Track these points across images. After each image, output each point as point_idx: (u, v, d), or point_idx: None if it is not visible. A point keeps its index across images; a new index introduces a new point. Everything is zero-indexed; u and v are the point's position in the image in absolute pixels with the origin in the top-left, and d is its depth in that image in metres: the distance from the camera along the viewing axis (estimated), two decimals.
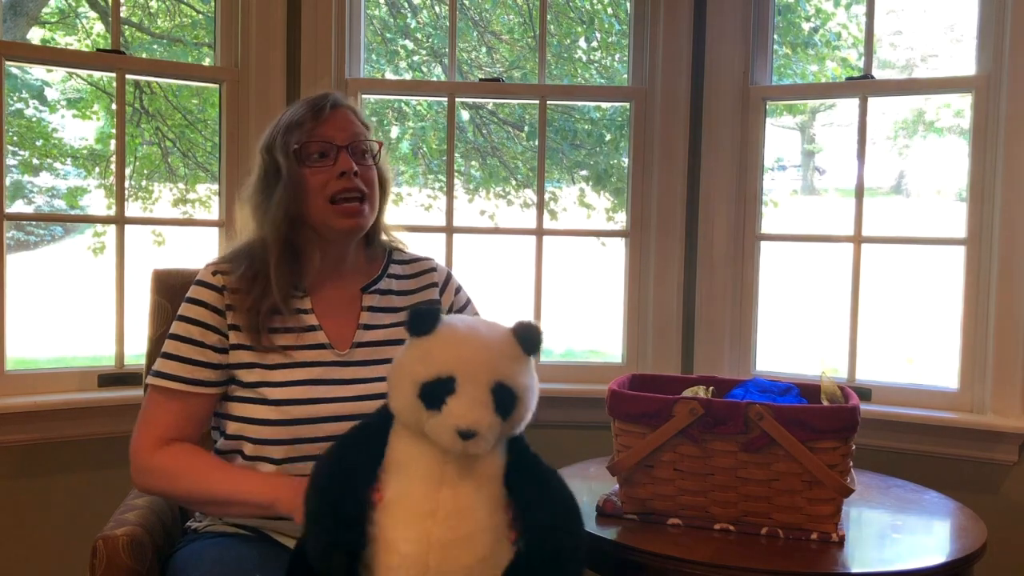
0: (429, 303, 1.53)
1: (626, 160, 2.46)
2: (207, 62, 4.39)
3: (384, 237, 1.58)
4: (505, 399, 1.09)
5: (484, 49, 5.71)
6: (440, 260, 1.66)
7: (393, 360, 1.16)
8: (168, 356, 1.41)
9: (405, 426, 1.14)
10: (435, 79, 5.56)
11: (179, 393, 1.39)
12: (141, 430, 1.40)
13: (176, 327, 1.42)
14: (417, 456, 1.12)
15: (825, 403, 1.58)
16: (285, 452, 1.37)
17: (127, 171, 2.44)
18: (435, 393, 1.07)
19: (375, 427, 1.17)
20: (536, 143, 2.50)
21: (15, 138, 5.51)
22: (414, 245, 1.63)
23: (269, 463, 1.38)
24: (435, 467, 1.10)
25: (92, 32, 5.28)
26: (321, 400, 1.38)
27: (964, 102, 2.29)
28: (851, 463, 1.49)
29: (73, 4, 5.39)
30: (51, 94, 5.67)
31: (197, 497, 1.38)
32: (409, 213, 5.53)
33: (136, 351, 1.99)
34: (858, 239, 2.23)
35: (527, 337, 1.14)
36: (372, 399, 1.35)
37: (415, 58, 5.64)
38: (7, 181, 2.00)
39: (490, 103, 5.47)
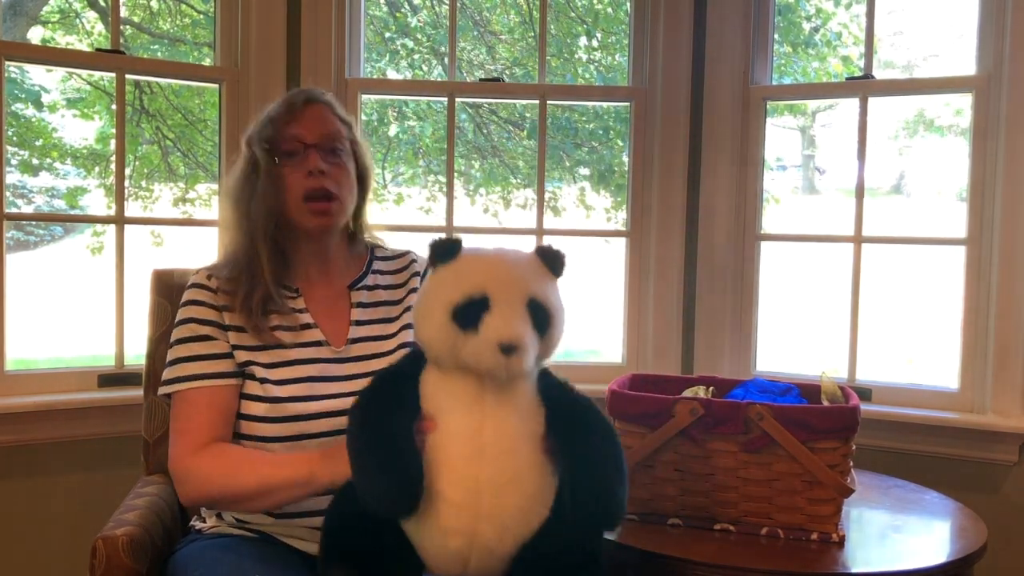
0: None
1: (627, 158, 2.46)
2: (207, 62, 4.39)
3: (366, 235, 1.58)
4: (540, 315, 1.07)
5: (484, 48, 5.71)
6: None
7: (418, 293, 1.14)
8: (181, 360, 1.38)
9: (436, 360, 1.10)
10: (435, 78, 5.56)
11: (205, 391, 1.36)
12: (176, 441, 1.36)
13: (181, 331, 1.41)
14: (453, 392, 1.07)
15: (825, 403, 1.58)
16: (284, 450, 1.36)
17: (127, 171, 2.43)
18: (470, 313, 1.04)
19: (401, 374, 1.13)
20: (536, 142, 2.50)
21: (15, 138, 5.51)
22: (400, 242, 1.63)
23: None
24: (474, 401, 1.06)
25: (93, 32, 5.28)
26: (320, 397, 1.38)
27: (965, 101, 2.28)
28: (851, 463, 1.49)
29: (74, 4, 5.38)
30: (51, 94, 5.66)
31: (236, 496, 1.31)
32: (409, 214, 5.52)
33: (136, 351, 1.99)
34: (858, 239, 2.23)
35: (552, 258, 1.14)
36: None
37: (415, 56, 5.64)
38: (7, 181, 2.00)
39: (490, 102, 5.47)
